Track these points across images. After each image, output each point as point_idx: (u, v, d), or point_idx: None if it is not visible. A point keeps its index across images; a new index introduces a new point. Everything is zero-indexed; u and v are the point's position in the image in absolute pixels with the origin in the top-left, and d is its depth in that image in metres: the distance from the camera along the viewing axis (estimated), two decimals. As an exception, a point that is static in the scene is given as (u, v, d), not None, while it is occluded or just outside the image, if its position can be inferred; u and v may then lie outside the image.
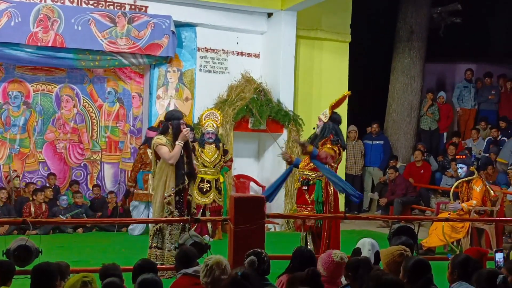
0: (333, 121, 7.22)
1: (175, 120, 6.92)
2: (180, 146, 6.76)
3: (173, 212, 6.74)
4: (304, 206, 7.06)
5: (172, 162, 6.75)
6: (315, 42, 11.97)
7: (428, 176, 12.23)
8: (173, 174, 6.79)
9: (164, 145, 6.80)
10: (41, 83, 10.59)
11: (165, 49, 10.63)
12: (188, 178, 6.87)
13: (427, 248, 8.61)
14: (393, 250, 4.52)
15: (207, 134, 9.50)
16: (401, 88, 13.44)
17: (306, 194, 7.06)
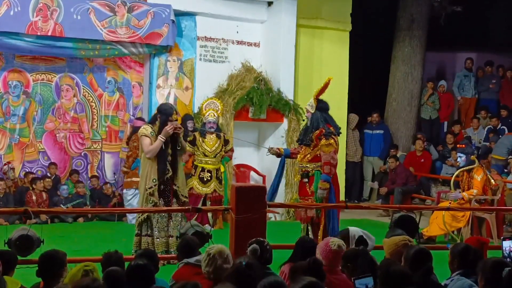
0: (321, 110, 7.26)
1: (163, 116, 7.05)
2: (160, 141, 6.89)
3: (157, 202, 6.89)
4: (306, 197, 7.17)
5: (149, 156, 6.93)
6: (315, 31, 11.95)
7: (429, 165, 12.25)
8: (155, 166, 6.92)
9: (147, 136, 6.95)
10: (41, 73, 10.58)
11: (165, 38, 10.61)
12: (173, 169, 7.01)
13: (427, 237, 8.64)
14: (397, 240, 4.54)
15: (209, 124, 9.50)
16: (401, 77, 13.44)
17: (307, 186, 7.17)
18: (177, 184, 7.07)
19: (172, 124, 6.96)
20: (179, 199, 7.09)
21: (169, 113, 7.09)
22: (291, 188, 10.87)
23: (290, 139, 11.05)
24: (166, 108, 7.25)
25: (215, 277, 4.17)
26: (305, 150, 7.21)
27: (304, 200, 7.18)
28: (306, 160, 7.17)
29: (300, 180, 7.28)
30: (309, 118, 7.29)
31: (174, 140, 7.06)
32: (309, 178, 7.13)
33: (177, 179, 7.08)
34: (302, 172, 7.20)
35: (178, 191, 7.08)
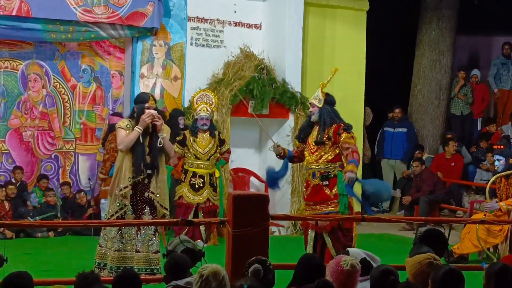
0: (329, 104, 7.48)
1: (139, 104, 7.02)
2: (137, 132, 6.83)
3: (127, 205, 6.85)
4: (327, 202, 7.29)
5: (121, 148, 6.91)
6: (326, 11, 11.98)
7: (460, 169, 12.26)
8: (130, 163, 6.88)
9: (123, 128, 6.95)
10: (4, 59, 10.60)
11: (150, 18, 10.64)
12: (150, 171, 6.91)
13: (458, 255, 8.65)
14: (421, 259, 4.53)
15: (200, 121, 9.46)
16: (428, 65, 13.45)
17: (327, 189, 7.29)
18: (152, 190, 6.93)
19: (149, 111, 6.87)
20: (154, 210, 6.97)
21: (144, 99, 7.04)
22: (298, 197, 10.88)
23: (296, 138, 11.06)
24: (141, 96, 7.29)
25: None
26: (320, 150, 7.35)
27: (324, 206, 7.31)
28: (324, 160, 7.32)
29: (315, 184, 7.36)
30: (316, 114, 7.42)
31: (154, 134, 6.95)
32: (329, 181, 7.29)
33: (155, 185, 6.94)
34: (321, 175, 7.32)
35: (154, 199, 6.95)
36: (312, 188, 7.41)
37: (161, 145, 6.93)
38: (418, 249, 5.14)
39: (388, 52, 14.22)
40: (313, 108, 7.47)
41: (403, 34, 14.28)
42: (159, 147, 6.93)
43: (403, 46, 14.19)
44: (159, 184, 6.99)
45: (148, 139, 6.94)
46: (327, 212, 7.27)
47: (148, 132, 6.92)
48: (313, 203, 7.40)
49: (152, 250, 6.91)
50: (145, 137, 6.91)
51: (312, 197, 7.43)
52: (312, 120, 7.47)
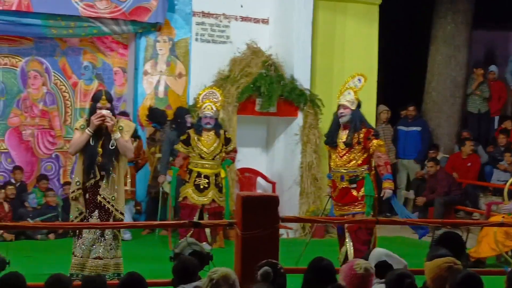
0: (359, 108, 7.86)
1: (93, 103, 6.84)
2: (87, 134, 6.66)
3: (82, 211, 6.71)
4: (354, 203, 7.72)
5: (70, 151, 6.90)
6: (337, 4, 11.98)
7: (476, 170, 12.24)
8: (81, 167, 6.76)
9: (77, 129, 6.83)
10: (3, 56, 10.66)
11: (154, 13, 10.69)
12: (102, 173, 6.70)
13: (475, 259, 8.65)
14: (440, 263, 4.53)
15: (205, 119, 9.48)
16: (442, 62, 13.44)
17: (354, 191, 7.71)
18: (103, 193, 6.69)
19: (100, 112, 6.64)
20: (104, 214, 6.72)
21: (96, 97, 6.85)
22: (307, 198, 10.92)
23: (305, 137, 11.07)
24: (96, 94, 7.08)
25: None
26: (349, 154, 7.72)
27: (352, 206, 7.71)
28: (354, 165, 7.72)
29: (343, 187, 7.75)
30: (348, 116, 7.73)
31: (107, 136, 6.73)
32: (357, 183, 7.72)
33: (107, 188, 6.70)
34: (349, 178, 7.70)
35: (105, 203, 6.70)
36: (340, 190, 7.80)
37: (114, 147, 6.71)
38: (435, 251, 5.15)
39: (401, 48, 14.22)
40: (344, 110, 7.73)
41: (417, 29, 14.28)
42: (112, 149, 6.71)
43: (417, 41, 14.19)
44: (115, 187, 6.76)
45: (102, 141, 6.73)
46: (354, 212, 7.69)
47: (102, 133, 6.70)
48: (341, 204, 7.79)
49: (110, 255, 6.75)
50: (98, 138, 6.71)
51: (340, 198, 7.82)
52: (342, 122, 7.75)
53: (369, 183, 7.69)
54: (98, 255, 6.69)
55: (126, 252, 9.05)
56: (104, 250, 6.72)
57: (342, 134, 7.76)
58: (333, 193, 7.96)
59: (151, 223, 6.89)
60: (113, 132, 6.69)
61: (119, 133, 6.73)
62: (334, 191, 7.92)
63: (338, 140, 7.79)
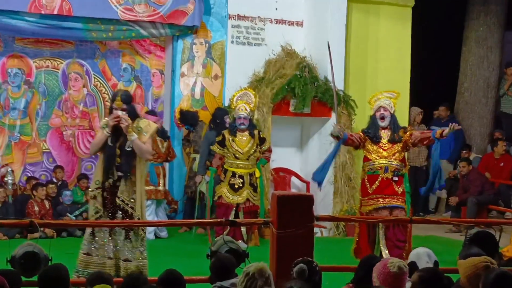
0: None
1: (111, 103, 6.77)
2: (104, 135, 6.57)
3: (100, 210, 6.60)
4: (396, 196, 8.00)
5: (90, 151, 6.80)
6: (370, 7, 11.95)
7: (509, 170, 12.13)
8: (101, 166, 6.65)
9: (101, 127, 6.82)
10: (45, 59, 10.77)
11: (191, 17, 10.75)
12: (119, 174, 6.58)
13: (508, 258, 8.56)
14: (476, 262, 4.49)
15: (239, 120, 9.49)
16: (475, 62, 13.34)
17: (395, 186, 8.00)
18: (120, 195, 6.59)
19: (116, 113, 6.51)
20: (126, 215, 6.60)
21: (112, 98, 6.75)
22: (341, 197, 10.89)
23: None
24: (113, 94, 7.07)
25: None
26: (393, 148, 8.08)
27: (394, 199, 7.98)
28: (397, 158, 8.09)
29: (387, 178, 8.00)
30: (388, 118, 8.16)
31: (124, 136, 6.58)
32: (399, 178, 8.03)
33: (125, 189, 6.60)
34: (394, 170, 8.01)
35: (124, 206, 6.60)
36: (380, 181, 8.02)
37: (130, 149, 6.58)
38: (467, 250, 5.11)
39: (434, 49, 14.10)
40: (385, 112, 8.15)
41: (449, 30, 14.16)
42: (129, 150, 6.58)
43: (449, 42, 14.07)
44: (133, 188, 6.64)
45: (121, 141, 6.61)
46: (396, 205, 7.95)
47: (120, 134, 6.56)
48: (381, 195, 8.01)
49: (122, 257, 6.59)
50: (117, 139, 6.58)
51: (381, 190, 8.02)
52: (383, 125, 8.13)
53: (407, 181, 8.12)
54: (126, 257, 6.59)
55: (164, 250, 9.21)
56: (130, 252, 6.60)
57: (383, 133, 8.13)
58: (369, 188, 8.09)
59: (189, 221, 6.95)
60: (129, 134, 6.54)
61: (135, 135, 6.56)
62: (371, 185, 8.07)
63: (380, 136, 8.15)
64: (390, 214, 7.89)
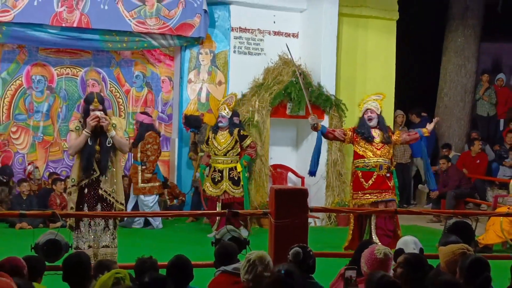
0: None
1: (85, 104, 6.52)
2: (85, 135, 6.34)
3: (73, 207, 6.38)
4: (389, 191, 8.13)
5: (71, 152, 6.50)
6: (359, 20, 11.93)
7: (484, 166, 12.12)
8: (78, 166, 6.43)
9: (72, 130, 6.51)
10: (66, 67, 10.78)
11: (197, 29, 10.72)
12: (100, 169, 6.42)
13: (483, 245, 8.57)
14: (455, 249, 4.51)
15: (219, 118, 9.55)
16: (454, 70, 13.34)
17: (388, 181, 8.16)
18: (104, 188, 6.44)
19: (94, 114, 6.34)
20: (107, 206, 6.47)
21: (88, 100, 6.49)
22: (332, 191, 10.87)
23: (331, 136, 11.04)
24: (87, 96, 6.71)
25: (254, 286, 4.21)
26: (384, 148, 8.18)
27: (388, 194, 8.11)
28: (389, 156, 8.22)
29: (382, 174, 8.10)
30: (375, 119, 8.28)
31: (103, 134, 6.43)
32: (390, 174, 8.15)
33: (105, 182, 6.45)
34: (387, 167, 8.15)
35: (107, 196, 6.46)
36: (376, 177, 8.11)
37: (110, 144, 6.46)
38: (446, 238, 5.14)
39: (417, 58, 14.10)
40: (372, 113, 8.26)
41: (430, 41, 14.16)
42: (109, 146, 6.46)
43: (430, 52, 14.08)
44: (114, 180, 6.51)
45: (99, 139, 6.44)
46: (390, 199, 8.11)
47: (97, 133, 6.39)
48: (379, 190, 8.12)
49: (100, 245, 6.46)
50: (95, 137, 6.40)
51: (377, 185, 8.14)
52: (372, 124, 8.24)
53: (395, 176, 8.25)
54: (106, 244, 6.49)
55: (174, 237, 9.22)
56: (110, 239, 6.52)
57: (374, 132, 8.21)
58: (364, 183, 8.15)
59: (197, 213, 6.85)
60: (109, 131, 6.43)
61: (113, 131, 6.46)
62: (367, 181, 8.13)
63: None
64: (386, 207, 8.00)
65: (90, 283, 4.27)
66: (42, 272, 4.68)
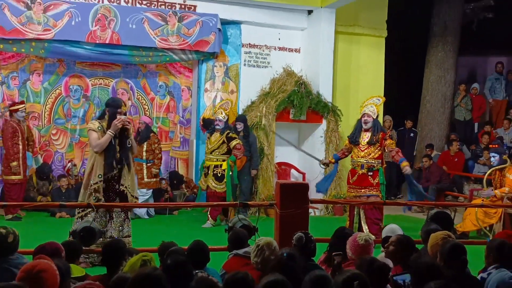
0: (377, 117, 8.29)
1: (111, 108, 6.37)
2: (109, 135, 6.24)
3: (101, 199, 6.25)
4: (369, 188, 8.00)
5: (97, 151, 6.27)
6: (353, 37, 11.91)
7: (462, 164, 12.08)
8: (102, 162, 6.30)
9: (94, 130, 6.31)
10: (99, 78, 10.81)
11: (212, 45, 10.72)
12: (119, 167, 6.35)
13: (461, 232, 8.53)
14: (438, 235, 4.52)
15: (215, 121, 9.42)
16: (435, 80, 13.28)
17: (370, 178, 7.98)
18: (125, 184, 6.36)
19: (120, 117, 6.27)
20: (125, 199, 6.35)
21: (117, 105, 6.39)
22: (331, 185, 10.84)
23: (328, 139, 11.03)
24: (115, 100, 6.61)
25: (262, 268, 4.20)
26: (369, 150, 8.02)
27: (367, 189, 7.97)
28: (371, 157, 8.01)
29: (362, 173, 8.01)
30: (370, 123, 8.08)
31: (124, 136, 6.37)
32: (373, 172, 8.00)
33: (124, 178, 6.37)
34: (368, 167, 8.00)
35: (127, 191, 6.37)
36: (358, 176, 8.05)
37: (130, 145, 6.43)
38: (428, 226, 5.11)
39: (403, 70, 14.08)
40: (368, 118, 8.11)
41: (414, 55, 14.13)
42: (129, 146, 6.43)
43: (415, 65, 14.04)
44: (129, 177, 6.42)
45: (118, 140, 6.36)
46: (369, 195, 7.97)
47: (117, 134, 6.34)
48: (359, 187, 8.05)
49: (123, 234, 6.35)
50: (116, 140, 6.34)
51: (358, 182, 8.06)
52: (366, 127, 8.08)
53: (382, 174, 8.02)
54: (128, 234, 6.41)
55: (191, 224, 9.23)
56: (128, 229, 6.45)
57: (364, 135, 8.08)
58: (350, 179, 8.15)
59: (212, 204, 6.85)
60: (130, 134, 6.43)
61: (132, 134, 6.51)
62: (352, 177, 8.11)
63: (360, 139, 8.10)
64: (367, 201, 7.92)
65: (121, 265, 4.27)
66: (79, 255, 4.70)
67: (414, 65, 14.08)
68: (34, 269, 3.29)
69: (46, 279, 3.29)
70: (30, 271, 3.29)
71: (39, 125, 10.48)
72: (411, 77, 14.08)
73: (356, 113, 10.61)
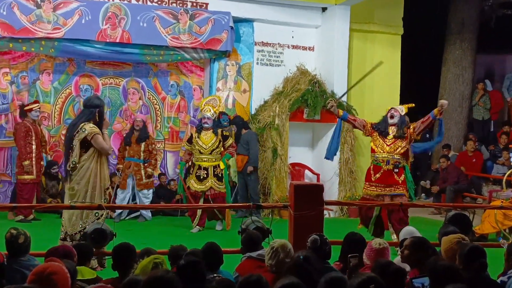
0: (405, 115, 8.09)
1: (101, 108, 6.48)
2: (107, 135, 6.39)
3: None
4: (395, 186, 7.75)
5: (111, 152, 6.37)
6: (368, 35, 11.88)
7: (480, 164, 12.02)
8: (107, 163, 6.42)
9: (99, 134, 6.34)
10: (109, 77, 10.85)
11: (224, 43, 10.72)
12: None
13: (479, 234, 8.49)
14: (452, 238, 4.50)
15: (203, 119, 9.15)
16: (452, 79, 13.22)
17: (396, 176, 7.75)
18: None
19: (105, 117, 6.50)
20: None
21: (103, 104, 6.61)
22: (345, 186, 10.85)
23: (343, 138, 10.99)
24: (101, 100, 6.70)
25: (277, 270, 4.20)
26: (395, 144, 7.78)
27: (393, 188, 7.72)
28: (398, 153, 7.76)
29: (387, 169, 7.75)
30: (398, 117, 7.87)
31: None
32: (399, 169, 7.75)
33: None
34: (394, 163, 7.76)
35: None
36: (383, 172, 7.79)
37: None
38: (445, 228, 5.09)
39: (419, 68, 14.00)
40: (396, 112, 7.88)
41: (431, 53, 14.06)
42: None
43: (432, 63, 13.97)
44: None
45: None
46: (396, 193, 7.73)
47: None
48: (384, 185, 7.77)
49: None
50: None
51: (382, 180, 7.78)
52: (392, 122, 7.84)
53: (409, 171, 7.83)
54: None
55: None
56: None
57: (390, 129, 7.85)
58: (373, 176, 7.84)
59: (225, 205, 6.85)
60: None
61: None
62: (375, 174, 7.82)
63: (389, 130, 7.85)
64: (391, 201, 7.67)
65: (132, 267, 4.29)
66: (90, 257, 4.73)
67: (431, 63, 14.01)
68: (45, 272, 3.32)
69: (57, 282, 3.31)
70: (41, 274, 3.31)
71: (49, 125, 10.54)
72: (427, 75, 14.01)
73: (371, 113, 10.62)
